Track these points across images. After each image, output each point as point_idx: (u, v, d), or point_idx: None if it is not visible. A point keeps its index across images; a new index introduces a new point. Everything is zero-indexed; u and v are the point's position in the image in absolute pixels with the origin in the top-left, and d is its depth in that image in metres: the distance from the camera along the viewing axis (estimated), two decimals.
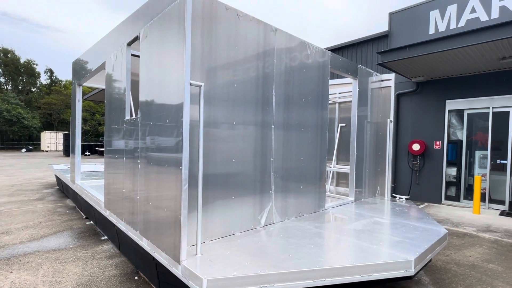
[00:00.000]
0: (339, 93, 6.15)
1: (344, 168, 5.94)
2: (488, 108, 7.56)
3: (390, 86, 5.43)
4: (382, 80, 5.48)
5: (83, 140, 37.91)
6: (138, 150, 3.11)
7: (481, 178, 7.37)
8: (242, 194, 3.08)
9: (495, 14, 7.15)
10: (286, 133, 3.56)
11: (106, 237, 4.86)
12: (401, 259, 2.48)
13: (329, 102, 6.31)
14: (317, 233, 3.10)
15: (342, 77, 7.36)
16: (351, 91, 5.88)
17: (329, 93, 6.18)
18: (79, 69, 5.61)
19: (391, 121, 5.43)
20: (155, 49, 2.79)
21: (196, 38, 2.62)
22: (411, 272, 2.47)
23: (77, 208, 6.91)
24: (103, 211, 4.24)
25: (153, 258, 2.94)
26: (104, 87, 7.72)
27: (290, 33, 3.61)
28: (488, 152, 7.68)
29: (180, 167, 2.34)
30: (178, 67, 2.41)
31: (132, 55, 4.10)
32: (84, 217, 6.16)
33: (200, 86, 2.40)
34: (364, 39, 9.59)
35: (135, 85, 3.93)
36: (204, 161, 2.73)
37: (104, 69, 4.29)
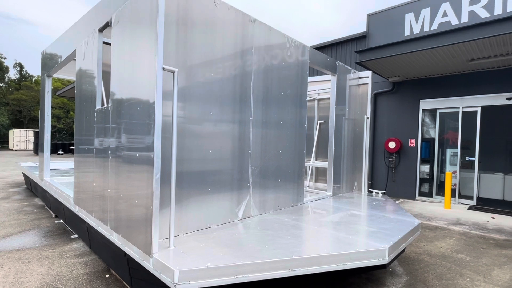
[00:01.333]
0: (319, 90, 6.21)
1: (322, 164, 6.00)
2: (458, 107, 7.93)
3: (367, 83, 5.54)
4: (360, 78, 5.59)
5: (56, 138, 36.14)
6: (109, 139, 2.96)
7: (451, 174, 7.71)
8: (219, 186, 3.01)
9: (464, 18, 7.51)
10: (264, 126, 3.53)
11: (76, 235, 4.62)
12: (375, 247, 2.51)
13: (309, 99, 6.36)
14: (294, 225, 3.09)
15: (321, 74, 7.45)
16: (329, 88, 5.95)
17: (309, 90, 6.23)
18: (49, 59, 5.30)
19: (368, 118, 5.55)
20: (128, 34, 2.66)
21: (171, 25, 2.53)
22: (385, 260, 2.51)
23: (46, 207, 6.54)
24: (73, 207, 4.02)
25: (125, 254, 2.80)
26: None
27: (269, 25, 3.58)
28: (458, 150, 8.05)
29: (152, 155, 2.24)
30: (150, 52, 2.31)
31: (104, 43, 3.92)
32: (53, 215, 5.83)
33: (173, 72, 2.32)
34: (344, 39, 9.78)
35: (107, 76, 3.75)
36: (180, 152, 2.63)
37: (75, 58, 4.07)
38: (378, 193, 5.33)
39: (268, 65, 3.56)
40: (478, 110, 7.65)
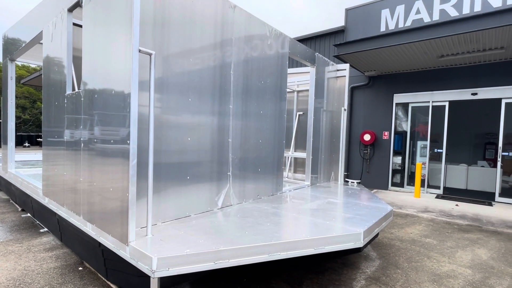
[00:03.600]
0: (298, 82, 6.26)
1: (301, 155, 6.10)
2: (429, 102, 8.33)
3: (345, 76, 5.66)
4: (338, 70, 5.70)
5: (22, 130, 33.92)
6: (81, 126, 2.82)
7: (421, 166, 8.13)
8: (198, 175, 2.97)
9: (436, 16, 7.84)
10: (244, 115, 3.51)
11: (45, 229, 4.39)
12: (351, 232, 2.59)
13: (288, 90, 6.40)
14: (274, 213, 3.13)
15: (300, 66, 7.50)
16: (309, 81, 6.03)
17: (288, 81, 6.26)
18: (11, 42, 4.92)
19: (345, 110, 5.69)
20: (100, 14, 2.52)
21: (148, 5, 2.42)
22: (360, 243, 2.61)
23: (11, 201, 6.14)
24: (42, 199, 3.80)
25: (99, 244, 2.71)
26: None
27: (250, 13, 3.54)
28: (428, 142, 8.48)
29: (128, 141, 2.15)
30: (125, 33, 2.20)
31: (74, 25, 3.69)
32: (19, 209, 5.50)
33: (150, 55, 2.23)
34: (322, 33, 9.90)
35: (77, 62, 3.55)
36: (157, 142, 2.56)
37: (42, 40, 3.81)
38: (353, 182, 5.51)
39: (248, 53, 3.53)
40: (447, 104, 8.08)
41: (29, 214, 5.15)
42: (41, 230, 4.40)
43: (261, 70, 3.74)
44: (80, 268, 3.24)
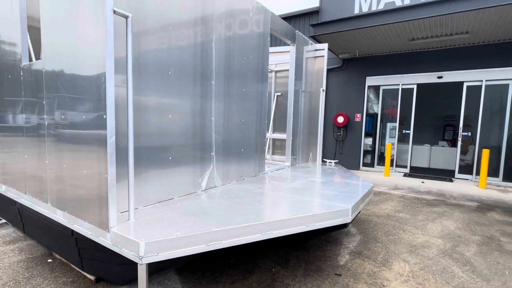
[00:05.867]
0: (276, 62, 6.12)
1: (280, 136, 6.06)
2: (399, 85, 8.64)
3: (323, 56, 5.62)
4: (316, 50, 5.64)
5: None
6: (45, 103, 2.47)
7: (391, 146, 8.52)
8: (180, 155, 2.78)
9: (407, 0, 8.02)
10: (227, 91, 3.33)
11: (3, 220, 3.95)
12: (340, 208, 2.60)
13: None
14: (260, 193, 3.05)
15: (278, 45, 7.34)
16: (287, 62, 5.91)
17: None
18: None
19: (323, 90, 5.69)
20: None
21: None
22: (348, 219, 2.63)
23: None
24: None
25: (72, 233, 2.46)
26: None
27: None
28: (397, 124, 8.87)
29: (104, 116, 1.91)
30: None
31: None
32: None
33: (127, 17, 1.96)
34: (297, 13, 9.75)
35: (34, 32, 3.10)
36: (136, 122, 2.32)
37: None
38: (331, 162, 5.61)
39: (231, 27, 3.31)
40: (415, 87, 8.44)
41: None
42: None
43: (244, 44, 3.55)
44: (50, 260, 2.95)
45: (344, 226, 3.39)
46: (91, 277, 2.61)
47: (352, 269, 2.94)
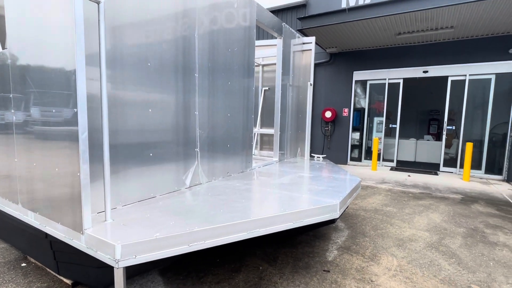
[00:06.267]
0: (263, 55, 6.01)
1: (268, 131, 5.98)
2: (385, 79, 8.69)
3: (311, 50, 5.55)
4: (304, 43, 5.56)
5: None
6: (12, 96, 2.29)
7: (378, 140, 8.58)
8: (162, 151, 2.65)
9: None
10: (212, 84, 3.20)
11: None
12: (328, 203, 2.54)
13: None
14: (247, 189, 2.96)
15: (265, 39, 7.22)
16: (275, 55, 5.81)
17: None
18: None
19: (311, 84, 5.63)
20: None
21: None
22: (336, 214, 2.57)
23: None
24: None
25: (46, 235, 2.30)
26: None
27: None
28: (384, 119, 8.94)
29: (75, 110, 1.77)
30: None
31: None
32: None
33: (98, 3, 1.81)
34: (284, 6, 9.63)
35: None
36: (113, 110, 2.17)
37: None
38: (319, 157, 5.58)
39: (214, 18, 3.18)
40: (401, 82, 8.51)
41: None
42: None
43: (229, 35, 3.42)
44: (24, 265, 2.78)
45: (332, 221, 3.35)
46: (68, 282, 2.47)
47: (341, 265, 2.90)
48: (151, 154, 2.54)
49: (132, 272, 2.59)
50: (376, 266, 2.89)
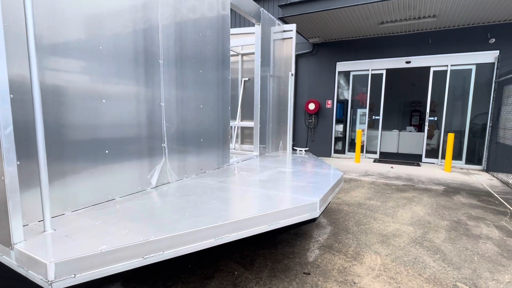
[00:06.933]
0: (242, 44, 5.70)
1: (248, 124, 5.72)
2: (368, 70, 8.57)
3: (292, 38, 5.29)
4: (284, 31, 5.28)
5: None
6: None
7: (362, 132, 8.49)
8: (122, 148, 2.34)
9: None
10: (180, 72, 2.89)
11: None
12: (307, 202, 2.33)
13: (232, 53, 5.82)
14: (220, 188, 2.71)
15: (242, 26, 6.88)
16: (253, 43, 5.51)
17: (232, 43, 5.65)
18: None
19: (292, 74, 5.38)
20: None
21: None
22: (316, 213, 2.37)
23: None
24: None
25: None
26: None
27: None
28: (367, 110, 8.85)
29: None
30: None
31: None
32: None
33: None
34: None
35: None
36: (56, 101, 1.85)
37: None
38: (302, 150, 5.38)
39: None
40: (384, 72, 8.41)
41: None
42: None
43: (199, 21, 3.11)
44: None
45: (314, 220, 3.15)
46: None
47: (322, 266, 2.72)
48: (107, 152, 2.22)
49: (91, 285, 2.30)
50: (359, 266, 2.72)
